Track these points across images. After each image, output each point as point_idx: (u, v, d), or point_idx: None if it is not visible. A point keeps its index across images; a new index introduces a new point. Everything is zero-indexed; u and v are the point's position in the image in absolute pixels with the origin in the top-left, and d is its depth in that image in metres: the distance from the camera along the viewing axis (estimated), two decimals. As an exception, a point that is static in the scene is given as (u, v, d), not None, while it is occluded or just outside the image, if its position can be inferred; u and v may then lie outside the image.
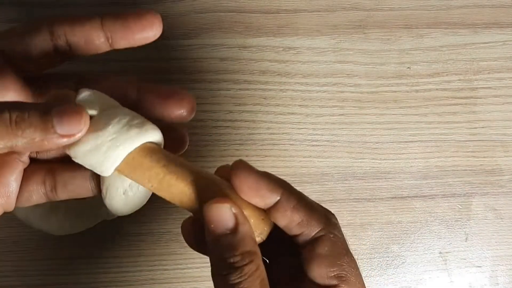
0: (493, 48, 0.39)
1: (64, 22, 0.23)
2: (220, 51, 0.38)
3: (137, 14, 0.23)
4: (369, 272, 0.35)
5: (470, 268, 0.36)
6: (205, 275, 0.35)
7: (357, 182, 0.36)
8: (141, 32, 0.23)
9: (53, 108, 0.20)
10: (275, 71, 0.38)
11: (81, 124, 0.20)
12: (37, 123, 0.20)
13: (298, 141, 0.37)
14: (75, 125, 0.20)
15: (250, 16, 0.38)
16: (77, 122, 0.20)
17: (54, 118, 0.20)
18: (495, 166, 0.37)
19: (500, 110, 0.38)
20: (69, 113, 0.20)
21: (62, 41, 0.23)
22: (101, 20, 0.23)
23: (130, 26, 0.23)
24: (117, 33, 0.23)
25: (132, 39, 0.23)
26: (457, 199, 0.37)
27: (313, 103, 0.37)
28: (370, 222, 0.36)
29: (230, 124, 0.37)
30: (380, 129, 0.37)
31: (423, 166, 0.37)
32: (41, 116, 0.20)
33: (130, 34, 0.23)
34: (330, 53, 0.38)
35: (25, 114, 0.20)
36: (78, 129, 0.20)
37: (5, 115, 0.19)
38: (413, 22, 0.39)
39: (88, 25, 0.23)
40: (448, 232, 0.36)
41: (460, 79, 0.39)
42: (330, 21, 0.39)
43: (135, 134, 0.22)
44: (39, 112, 0.20)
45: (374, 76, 0.38)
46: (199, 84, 0.37)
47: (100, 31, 0.23)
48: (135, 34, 0.23)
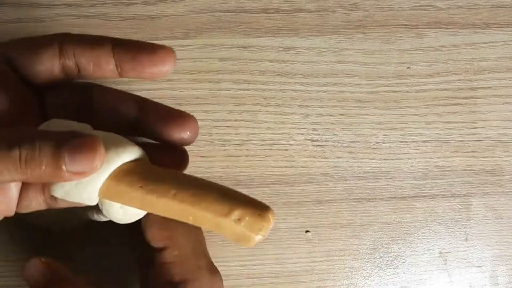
0: (493, 48, 0.39)
1: (75, 42, 0.22)
2: (220, 51, 0.38)
3: (150, 48, 0.22)
4: (369, 272, 0.35)
5: (470, 268, 0.36)
6: (205, 275, 0.35)
7: (357, 182, 0.36)
8: (152, 68, 0.22)
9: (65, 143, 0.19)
10: (275, 71, 0.38)
11: (95, 162, 0.19)
12: (48, 161, 0.18)
13: (298, 141, 0.37)
14: (89, 163, 0.19)
15: (250, 16, 0.38)
16: (91, 160, 0.19)
17: (66, 155, 0.19)
18: (495, 166, 0.37)
19: (500, 110, 0.38)
20: (83, 150, 0.19)
21: (71, 61, 0.23)
22: (112, 46, 0.22)
23: (141, 60, 0.22)
24: (127, 64, 0.22)
25: (142, 73, 0.22)
26: (457, 199, 0.37)
27: (313, 103, 0.37)
28: (370, 222, 0.36)
29: (230, 124, 0.37)
30: (380, 129, 0.37)
31: (423, 166, 0.37)
32: (53, 154, 0.18)
33: (139, 68, 0.22)
34: (330, 53, 0.38)
35: (35, 152, 0.18)
36: (91, 168, 0.19)
37: (14, 153, 0.18)
38: (413, 22, 0.39)
39: (99, 50, 0.22)
40: (448, 232, 0.36)
41: (460, 79, 0.39)
42: (330, 21, 0.39)
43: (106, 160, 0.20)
44: (51, 149, 0.18)
45: (374, 76, 0.38)
46: (199, 84, 0.37)
47: (110, 58, 0.22)
48: (145, 69, 0.22)
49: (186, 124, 0.24)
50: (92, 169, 0.19)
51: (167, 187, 0.20)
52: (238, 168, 0.36)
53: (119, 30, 0.37)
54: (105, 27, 0.37)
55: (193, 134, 0.24)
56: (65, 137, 0.19)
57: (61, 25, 0.37)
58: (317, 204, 0.36)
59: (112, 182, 0.21)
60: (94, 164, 0.19)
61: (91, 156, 0.19)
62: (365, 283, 0.35)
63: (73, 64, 0.23)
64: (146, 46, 0.22)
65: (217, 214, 0.20)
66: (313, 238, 0.35)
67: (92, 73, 0.23)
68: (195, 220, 0.20)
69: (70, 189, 0.21)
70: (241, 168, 0.36)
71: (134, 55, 0.22)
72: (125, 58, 0.22)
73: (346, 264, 0.35)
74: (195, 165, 0.36)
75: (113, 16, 0.38)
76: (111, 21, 0.38)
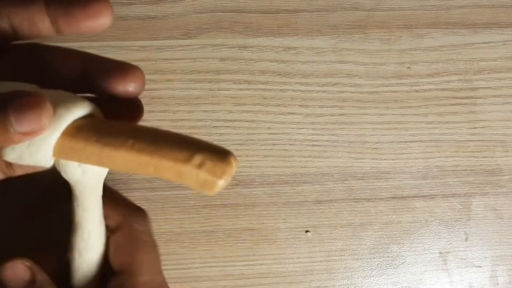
0: (493, 48, 0.39)
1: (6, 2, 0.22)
2: (220, 51, 0.38)
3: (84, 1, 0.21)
4: (369, 272, 0.35)
5: (470, 268, 0.36)
6: (205, 275, 0.35)
7: (357, 182, 0.36)
8: (87, 22, 0.21)
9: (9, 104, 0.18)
10: (275, 71, 0.38)
11: (42, 119, 0.18)
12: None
13: (298, 141, 0.37)
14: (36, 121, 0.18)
15: (250, 16, 0.38)
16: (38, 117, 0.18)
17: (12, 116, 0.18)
18: (495, 166, 0.37)
19: (500, 110, 0.38)
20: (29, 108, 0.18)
21: (5, 23, 0.22)
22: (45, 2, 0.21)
23: (74, 14, 0.21)
24: (62, 20, 0.21)
25: (77, 28, 0.21)
26: (457, 199, 0.37)
27: (313, 103, 0.37)
28: (370, 222, 0.36)
29: (230, 124, 0.37)
30: (380, 129, 0.37)
31: (423, 166, 0.37)
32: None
33: (74, 22, 0.21)
34: (330, 53, 0.38)
35: None
36: (39, 126, 0.18)
37: None
38: (413, 22, 0.39)
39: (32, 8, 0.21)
40: (448, 232, 0.36)
41: (460, 79, 0.39)
42: (330, 21, 0.39)
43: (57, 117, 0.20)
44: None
45: (374, 76, 0.38)
46: (199, 84, 0.37)
47: (44, 15, 0.21)
48: (79, 23, 0.21)
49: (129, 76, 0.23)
50: (40, 127, 0.19)
51: (124, 138, 0.20)
52: (238, 168, 0.36)
53: (119, 30, 0.37)
54: (105, 27, 0.37)
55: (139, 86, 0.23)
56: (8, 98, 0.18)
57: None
58: (317, 204, 0.36)
59: (65, 139, 0.20)
60: (41, 122, 0.18)
61: (37, 113, 0.18)
62: (365, 283, 0.35)
63: (8, 25, 0.22)
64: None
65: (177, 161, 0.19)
66: (313, 238, 0.35)
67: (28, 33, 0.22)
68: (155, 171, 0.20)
69: (22, 152, 0.20)
70: (241, 168, 0.36)
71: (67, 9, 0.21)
72: (59, 14, 0.21)
73: (346, 264, 0.35)
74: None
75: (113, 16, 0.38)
76: (111, 21, 0.38)
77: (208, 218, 0.35)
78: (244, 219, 0.35)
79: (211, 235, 0.35)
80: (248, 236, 0.35)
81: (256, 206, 0.35)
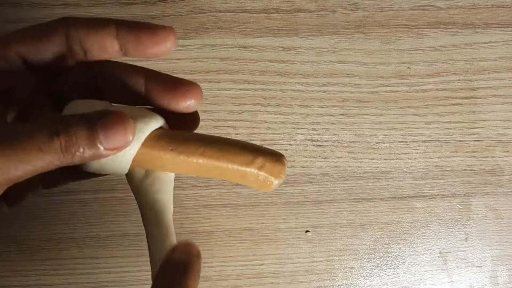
0: (493, 48, 0.39)
1: (80, 26, 0.23)
2: (220, 51, 0.38)
3: (151, 29, 0.23)
4: (369, 272, 0.35)
5: (470, 268, 0.36)
6: (205, 275, 0.35)
7: (357, 182, 0.36)
8: (154, 47, 0.23)
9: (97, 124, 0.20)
10: (275, 71, 0.38)
11: (127, 135, 0.21)
12: (85, 144, 0.20)
13: (298, 141, 0.37)
14: (122, 137, 0.20)
15: (250, 16, 0.38)
16: (123, 133, 0.20)
17: (100, 135, 0.20)
18: (495, 166, 0.37)
19: (500, 110, 0.38)
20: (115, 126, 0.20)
21: (77, 46, 0.23)
22: (115, 28, 0.23)
23: (143, 40, 0.23)
24: (130, 45, 0.24)
25: (144, 53, 0.24)
26: (457, 199, 0.37)
27: (313, 103, 0.37)
28: (370, 222, 0.36)
29: (230, 124, 0.37)
30: (380, 129, 0.37)
31: (423, 166, 0.37)
32: (88, 136, 0.20)
33: (142, 48, 0.24)
34: (330, 53, 0.38)
35: (72, 138, 0.20)
36: (125, 141, 0.21)
37: (55, 143, 0.19)
38: (413, 22, 0.39)
39: (103, 32, 0.23)
40: (448, 232, 0.36)
41: (460, 79, 0.39)
42: (330, 21, 0.39)
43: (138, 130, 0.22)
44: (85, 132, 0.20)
45: (374, 76, 0.38)
46: (199, 84, 0.37)
47: (114, 40, 0.23)
48: (147, 49, 0.23)
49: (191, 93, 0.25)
50: (126, 142, 0.21)
51: (195, 147, 0.23)
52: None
53: (119, 30, 0.37)
54: (105, 27, 0.37)
55: (198, 101, 0.25)
56: (95, 117, 0.20)
57: (61, 25, 0.37)
58: (317, 204, 0.36)
59: (145, 149, 0.23)
60: (127, 137, 0.21)
61: (122, 130, 0.20)
62: (365, 283, 0.35)
63: (79, 48, 0.23)
64: (148, 26, 0.24)
65: (242, 165, 0.22)
66: (313, 238, 0.35)
67: (98, 55, 0.24)
68: (221, 174, 0.22)
69: (106, 163, 0.22)
70: (241, 168, 0.36)
71: (137, 35, 0.23)
72: (129, 39, 0.23)
73: (346, 264, 0.35)
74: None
75: (113, 16, 0.38)
76: (111, 21, 0.38)
77: (208, 218, 0.35)
78: (244, 219, 0.35)
79: (211, 235, 0.35)
80: (248, 236, 0.35)
81: (256, 206, 0.35)
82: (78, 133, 0.20)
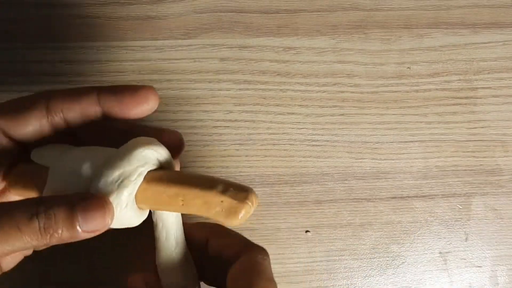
0: (493, 48, 0.39)
1: (61, 98, 0.23)
2: (220, 51, 0.38)
3: (133, 89, 0.24)
4: (369, 272, 0.35)
5: (470, 268, 0.36)
6: (205, 275, 0.35)
7: (357, 182, 0.36)
8: (136, 108, 0.24)
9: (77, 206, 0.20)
10: (275, 71, 0.38)
11: (106, 219, 0.20)
12: (64, 225, 0.20)
13: (298, 141, 0.37)
14: (101, 220, 0.20)
15: (250, 16, 0.38)
16: (102, 217, 0.20)
17: (79, 217, 0.20)
18: (495, 166, 0.37)
19: (500, 110, 0.38)
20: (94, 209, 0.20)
21: (58, 118, 0.23)
22: (97, 95, 0.24)
23: (126, 102, 0.23)
24: (114, 109, 0.24)
25: (128, 114, 0.24)
26: (457, 199, 0.37)
27: (313, 103, 0.37)
28: (370, 222, 0.36)
29: (230, 124, 0.37)
30: (380, 129, 0.37)
31: (423, 166, 0.37)
32: (67, 218, 0.20)
33: (125, 110, 0.24)
34: (330, 53, 0.38)
35: (51, 220, 0.20)
36: (103, 225, 0.20)
37: (34, 224, 0.19)
38: (413, 22, 0.39)
39: (85, 101, 0.23)
40: (448, 232, 0.36)
41: (460, 79, 0.39)
42: (330, 21, 0.39)
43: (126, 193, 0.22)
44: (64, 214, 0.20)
45: (374, 76, 0.38)
46: (199, 84, 0.37)
47: (97, 107, 0.24)
48: (130, 110, 0.24)
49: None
50: (104, 225, 0.20)
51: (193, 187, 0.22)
52: (238, 168, 0.36)
53: (119, 30, 0.37)
54: (105, 27, 0.37)
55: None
56: (74, 200, 0.20)
57: (61, 25, 0.37)
58: (317, 204, 0.36)
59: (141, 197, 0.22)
60: (105, 221, 0.20)
61: (101, 213, 0.20)
62: (365, 283, 0.35)
63: (61, 119, 0.24)
64: (129, 88, 0.24)
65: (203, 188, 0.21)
66: (313, 238, 0.35)
67: (80, 123, 0.24)
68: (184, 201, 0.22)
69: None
70: (241, 168, 0.36)
71: (119, 99, 0.23)
72: (112, 104, 0.24)
73: (346, 264, 0.35)
74: (195, 165, 0.36)
75: (113, 16, 0.38)
76: (111, 21, 0.38)
77: (208, 218, 0.35)
78: (244, 219, 0.35)
79: (211, 235, 0.35)
80: (248, 236, 0.35)
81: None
82: (57, 215, 0.20)
